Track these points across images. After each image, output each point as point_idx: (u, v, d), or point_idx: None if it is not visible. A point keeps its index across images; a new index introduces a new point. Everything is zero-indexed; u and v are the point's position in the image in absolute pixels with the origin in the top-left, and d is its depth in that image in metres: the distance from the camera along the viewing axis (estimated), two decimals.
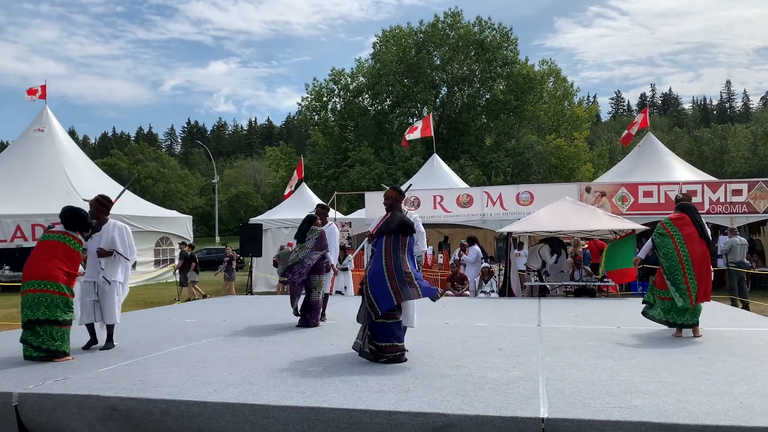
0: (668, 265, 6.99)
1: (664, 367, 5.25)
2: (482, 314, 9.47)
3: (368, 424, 3.95)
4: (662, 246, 7.07)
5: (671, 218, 7.18)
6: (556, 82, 44.21)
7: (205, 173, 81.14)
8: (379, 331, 5.57)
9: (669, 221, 7.16)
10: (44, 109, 23.76)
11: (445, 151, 37.11)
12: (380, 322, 5.57)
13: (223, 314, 9.87)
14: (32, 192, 20.26)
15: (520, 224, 13.70)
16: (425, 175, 23.01)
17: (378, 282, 5.59)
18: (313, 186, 32.24)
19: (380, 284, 5.57)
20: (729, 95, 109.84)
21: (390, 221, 5.85)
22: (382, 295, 5.54)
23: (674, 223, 7.09)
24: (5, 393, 4.62)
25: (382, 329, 5.57)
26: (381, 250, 5.74)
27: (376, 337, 5.57)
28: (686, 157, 37.21)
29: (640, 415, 3.76)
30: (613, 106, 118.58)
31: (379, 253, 5.74)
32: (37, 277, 5.82)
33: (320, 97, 43.13)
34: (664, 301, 7.04)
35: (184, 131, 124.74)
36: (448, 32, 42.36)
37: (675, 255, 6.94)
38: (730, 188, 16.13)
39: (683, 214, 7.12)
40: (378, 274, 5.61)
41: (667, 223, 7.15)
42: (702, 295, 6.86)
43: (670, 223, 7.12)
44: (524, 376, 4.96)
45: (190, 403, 4.28)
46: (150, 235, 22.86)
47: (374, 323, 5.59)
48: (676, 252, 6.94)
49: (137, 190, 48.41)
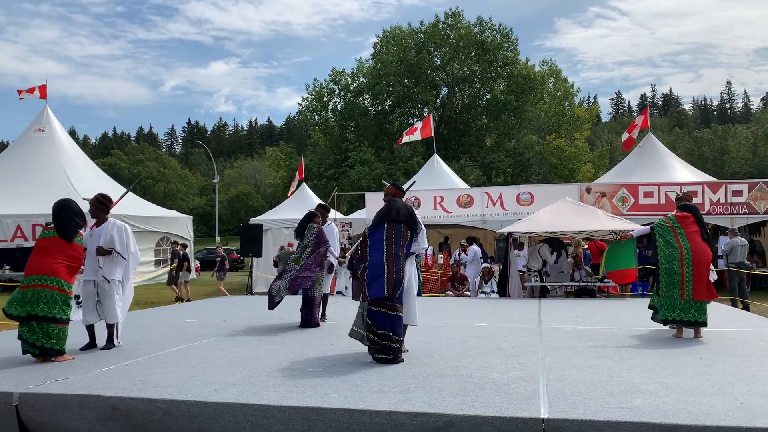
0: (667, 253, 6.95)
1: (665, 368, 5.25)
2: (482, 314, 9.47)
3: (369, 425, 3.95)
4: (663, 234, 7.05)
5: (676, 215, 7.18)
6: (557, 83, 44.23)
7: (206, 173, 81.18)
8: (377, 318, 5.55)
9: (673, 217, 7.16)
10: (44, 109, 23.75)
11: (445, 151, 37.13)
12: (379, 311, 5.55)
13: (223, 314, 9.88)
14: (32, 192, 20.25)
15: (521, 225, 13.71)
16: (425, 175, 23.00)
17: (377, 272, 5.56)
18: (314, 186, 32.26)
19: (379, 274, 5.55)
20: (729, 96, 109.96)
21: (394, 210, 5.78)
22: (376, 283, 5.52)
23: (678, 220, 7.09)
24: (6, 393, 4.62)
25: (380, 317, 5.55)
26: (383, 238, 5.69)
27: (375, 324, 5.55)
28: (686, 158, 37.23)
29: (640, 416, 3.76)
30: (613, 107, 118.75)
31: (381, 242, 5.67)
32: (38, 272, 5.84)
33: (321, 97, 43.16)
34: (667, 299, 7.03)
35: (184, 131, 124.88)
36: (449, 32, 42.41)
37: (676, 244, 6.93)
38: (730, 189, 16.12)
39: (688, 213, 7.13)
40: (378, 265, 5.58)
41: (671, 219, 7.15)
42: (701, 292, 6.83)
43: (674, 219, 7.13)
44: (524, 376, 4.96)
45: (191, 403, 4.28)
46: (150, 235, 22.86)
47: (372, 311, 5.57)
48: (677, 242, 6.94)
49: (138, 190, 48.44)
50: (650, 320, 7.53)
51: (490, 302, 11.94)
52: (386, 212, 5.83)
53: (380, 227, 5.79)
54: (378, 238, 5.75)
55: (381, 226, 5.79)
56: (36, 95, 23.34)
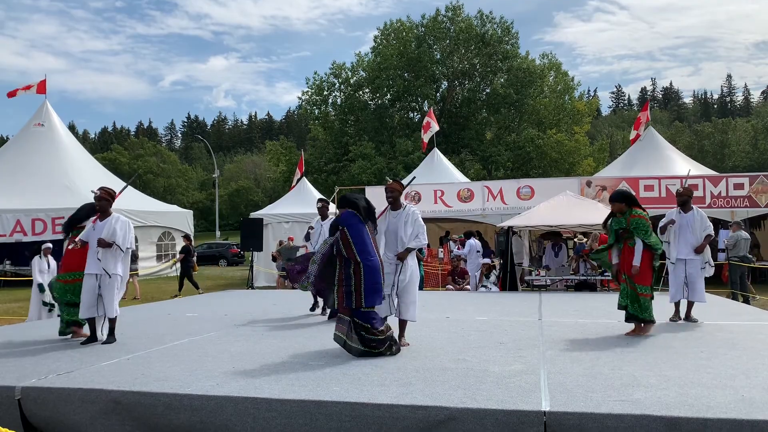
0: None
1: (665, 361, 5.26)
2: (483, 308, 9.48)
3: (370, 418, 3.95)
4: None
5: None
6: (557, 76, 44.07)
7: (206, 168, 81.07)
8: (364, 317, 5.53)
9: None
10: (44, 103, 23.71)
11: (445, 145, 37.06)
12: (365, 311, 5.53)
13: (224, 309, 9.89)
14: (32, 187, 20.22)
15: (521, 218, 13.71)
16: (426, 169, 22.98)
17: (378, 276, 5.59)
18: (314, 181, 32.21)
19: (378, 278, 5.58)
20: (730, 89, 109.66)
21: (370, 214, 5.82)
22: (377, 289, 5.56)
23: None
24: (8, 387, 4.63)
25: (366, 316, 5.53)
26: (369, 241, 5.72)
27: (363, 321, 5.52)
28: (687, 152, 37.19)
29: (641, 409, 3.76)
30: (613, 101, 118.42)
31: (370, 244, 5.69)
32: (68, 270, 6.85)
33: (321, 90, 43.03)
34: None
35: (184, 126, 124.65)
36: (449, 26, 42.24)
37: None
38: (731, 182, 16.11)
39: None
40: (378, 269, 5.62)
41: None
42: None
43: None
44: (525, 369, 4.97)
45: (193, 396, 4.28)
46: (152, 230, 22.87)
47: (358, 311, 5.51)
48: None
49: (138, 185, 48.32)
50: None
51: (491, 296, 11.95)
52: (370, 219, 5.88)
53: (364, 231, 5.78)
54: (369, 242, 5.76)
55: (364, 231, 5.78)
56: (32, 91, 23.27)
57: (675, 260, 7.80)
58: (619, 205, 6.90)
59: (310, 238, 9.09)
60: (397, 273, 6.12)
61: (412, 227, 6.20)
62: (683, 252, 7.77)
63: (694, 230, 7.76)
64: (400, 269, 6.13)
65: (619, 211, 6.89)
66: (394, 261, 6.14)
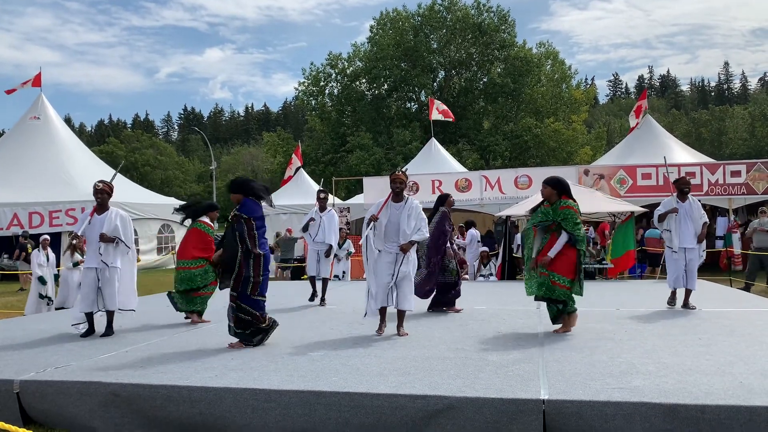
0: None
1: (664, 348, 5.27)
2: (481, 297, 9.49)
3: (369, 407, 3.96)
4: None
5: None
6: (554, 65, 43.92)
7: (203, 160, 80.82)
8: (253, 303, 5.78)
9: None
10: (39, 96, 23.57)
11: (443, 135, 36.95)
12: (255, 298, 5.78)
13: (222, 300, 9.86)
14: (29, 180, 20.13)
15: (519, 208, 13.69)
16: (423, 159, 22.95)
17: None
18: (311, 172, 32.15)
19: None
20: (727, 76, 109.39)
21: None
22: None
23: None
24: (7, 380, 4.63)
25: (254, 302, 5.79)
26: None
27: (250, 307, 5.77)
28: (684, 139, 37.13)
29: (640, 396, 3.77)
30: (611, 89, 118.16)
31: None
32: (182, 258, 7.43)
33: (317, 81, 42.85)
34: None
35: (180, 118, 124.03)
36: (446, 15, 42.02)
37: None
38: (728, 170, 16.11)
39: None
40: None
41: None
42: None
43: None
44: (524, 358, 4.98)
45: (192, 388, 4.29)
46: (152, 223, 22.84)
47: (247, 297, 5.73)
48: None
49: (135, 178, 48.26)
50: (648, 301, 7.54)
51: (489, 285, 11.97)
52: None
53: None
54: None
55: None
56: (28, 86, 23.16)
57: (678, 249, 7.78)
58: (550, 190, 6.28)
59: (308, 229, 9.06)
60: (398, 264, 6.12)
61: (416, 220, 6.20)
62: (686, 241, 7.76)
63: (693, 218, 7.77)
64: (402, 260, 6.13)
65: (548, 197, 6.31)
66: (394, 251, 6.13)
